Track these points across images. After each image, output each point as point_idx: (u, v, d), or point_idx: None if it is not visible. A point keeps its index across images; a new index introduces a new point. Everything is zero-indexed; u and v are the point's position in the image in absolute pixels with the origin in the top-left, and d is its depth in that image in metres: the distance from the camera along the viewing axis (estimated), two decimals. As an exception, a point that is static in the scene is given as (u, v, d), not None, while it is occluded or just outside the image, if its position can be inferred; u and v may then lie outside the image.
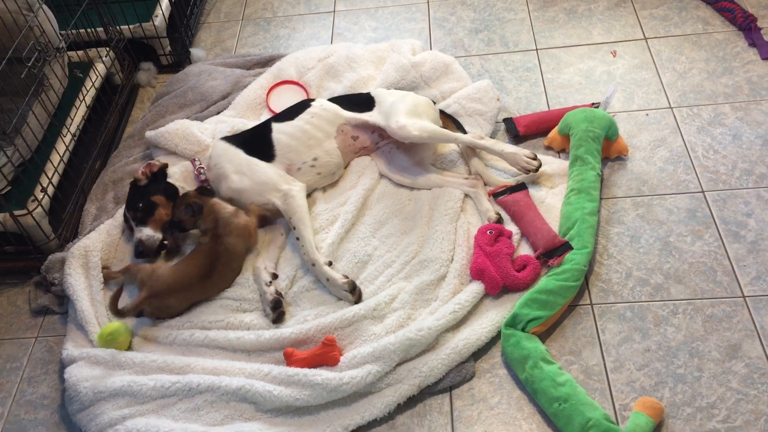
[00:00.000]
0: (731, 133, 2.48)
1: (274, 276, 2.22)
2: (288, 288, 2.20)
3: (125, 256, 2.37)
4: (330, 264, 2.18)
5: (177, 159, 2.55)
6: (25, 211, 2.29)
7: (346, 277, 2.14)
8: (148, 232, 2.27)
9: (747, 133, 2.47)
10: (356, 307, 2.07)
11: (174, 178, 2.40)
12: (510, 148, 2.36)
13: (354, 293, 2.11)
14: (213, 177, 2.37)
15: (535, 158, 2.35)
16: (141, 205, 2.29)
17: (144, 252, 2.26)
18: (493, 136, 2.55)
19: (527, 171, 2.34)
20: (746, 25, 2.81)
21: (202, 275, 2.16)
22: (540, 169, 2.35)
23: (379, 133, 2.47)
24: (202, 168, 2.39)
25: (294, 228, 2.23)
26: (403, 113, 2.35)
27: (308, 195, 2.43)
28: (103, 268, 2.30)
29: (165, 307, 2.14)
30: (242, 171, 2.32)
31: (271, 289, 2.16)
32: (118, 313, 2.08)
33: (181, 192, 2.35)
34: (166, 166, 2.39)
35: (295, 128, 2.39)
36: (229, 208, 2.25)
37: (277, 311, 2.12)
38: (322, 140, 2.40)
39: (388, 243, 2.26)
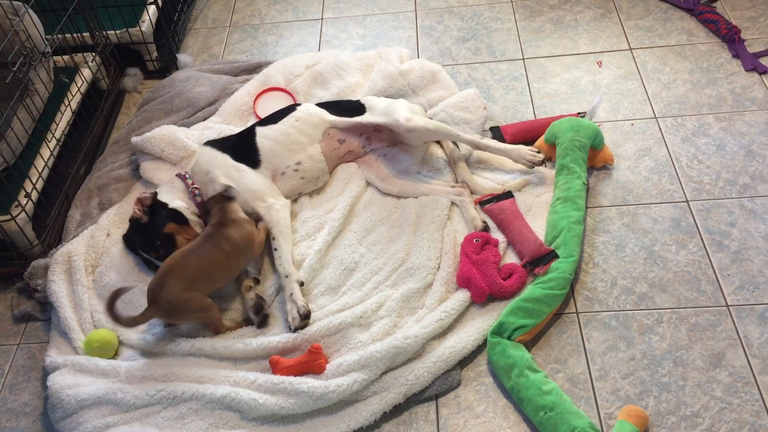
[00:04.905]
0: (715, 144, 2.50)
1: (256, 281, 2.21)
2: (274, 296, 2.19)
3: (115, 266, 2.34)
4: (302, 284, 2.14)
5: (162, 164, 2.54)
6: (8, 217, 2.27)
7: (307, 305, 2.08)
8: None
9: (730, 143, 2.50)
10: (342, 314, 2.07)
11: (173, 203, 2.28)
12: (512, 146, 2.41)
13: (302, 320, 2.06)
14: (203, 185, 2.35)
15: (538, 151, 2.40)
16: (159, 242, 2.21)
17: None
18: (479, 144, 2.56)
19: (532, 165, 2.38)
20: (730, 37, 2.84)
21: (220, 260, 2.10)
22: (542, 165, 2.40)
23: (367, 135, 2.48)
24: (197, 189, 2.31)
25: (274, 239, 2.21)
26: (406, 110, 2.40)
27: (294, 201, 2.43)
28: None
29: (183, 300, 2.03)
30: (231, 176, 2.31)
31: (251, 293, 2.15)
32: (122, 321, 1.96)
33: (184, 211, 2.27)
34: (156, 194, 2.30)
35: (278, 132, 2.38)
36: (241, 212, 2.22)
37: (260, 315, 2.11)
38: (306, 145, 2.39)
39: (374, 250, 2.26)
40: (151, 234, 2.23)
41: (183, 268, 2.04)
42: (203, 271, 2.06)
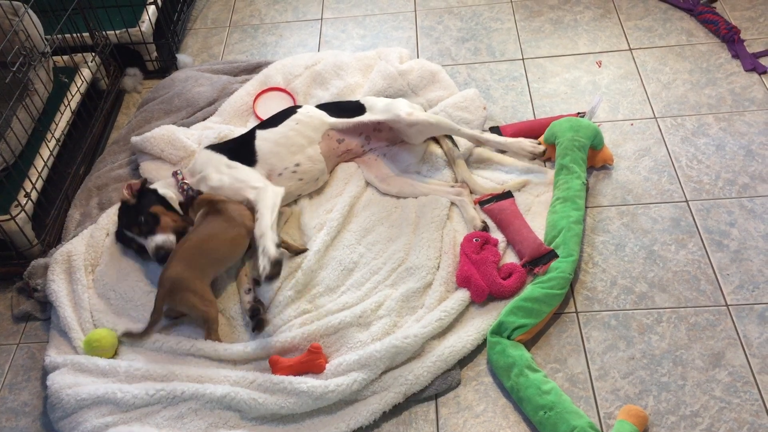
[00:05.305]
0: (714, 144, 2.50)
1: (256, 282, 2.21)
2: (272, 297, 2.19)
3: (115, 265, 2.34)
4: (278, 245, 2.05)
5: (162, 164, 2.54)
6: (8, 216, 2.27)
7: (280, 255, 2.01)
8: (160, 237, 2.20)
9: (730, 143, 2.50)
10: (342, 314, 2.07)
11: (162, 190, 2.32)
12: (512, 139, 2.44)
13: (273, 268, 1.97)
14: (195, 183, 2.34)
15: (539, 143, 2.43)
16: (143, 218, 2.22)
17: (166, 255, 2.18)
18: (479, 144, 2.56)
19: (534, 156, 2.41)
20: (729, 37, 2.85)
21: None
22: (538, 161, 2.43)
23: (366, 135, 2.48)
24: (186, 183, 2.33)
25: (258, 211, 2.14)
26: (406, 106, 2.42)
27: (294, 202, 2.43)
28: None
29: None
30: (221, 171, 2.31)
31: (249, 297, 2.15)
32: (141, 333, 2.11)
33: (171, 200, 2.30)
34: (145, 181, 2.35)
35: (278, 135, 2.38)
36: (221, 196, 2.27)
37: (255, 319, 2.11)
38: (306, 146, 2.39)
39: (374, 250, 2.26)
40: (136, 212, 2.25)
41: (184, 246, 2.14)
42: (204, 244, 2.13)
